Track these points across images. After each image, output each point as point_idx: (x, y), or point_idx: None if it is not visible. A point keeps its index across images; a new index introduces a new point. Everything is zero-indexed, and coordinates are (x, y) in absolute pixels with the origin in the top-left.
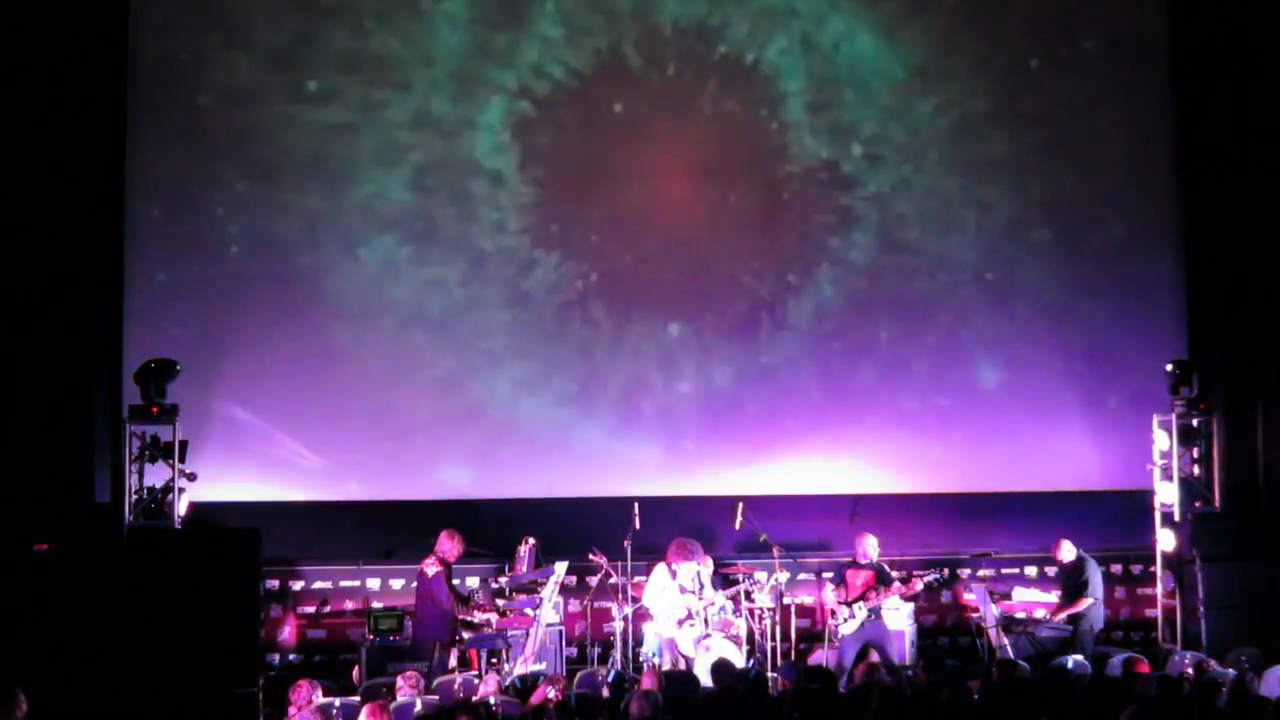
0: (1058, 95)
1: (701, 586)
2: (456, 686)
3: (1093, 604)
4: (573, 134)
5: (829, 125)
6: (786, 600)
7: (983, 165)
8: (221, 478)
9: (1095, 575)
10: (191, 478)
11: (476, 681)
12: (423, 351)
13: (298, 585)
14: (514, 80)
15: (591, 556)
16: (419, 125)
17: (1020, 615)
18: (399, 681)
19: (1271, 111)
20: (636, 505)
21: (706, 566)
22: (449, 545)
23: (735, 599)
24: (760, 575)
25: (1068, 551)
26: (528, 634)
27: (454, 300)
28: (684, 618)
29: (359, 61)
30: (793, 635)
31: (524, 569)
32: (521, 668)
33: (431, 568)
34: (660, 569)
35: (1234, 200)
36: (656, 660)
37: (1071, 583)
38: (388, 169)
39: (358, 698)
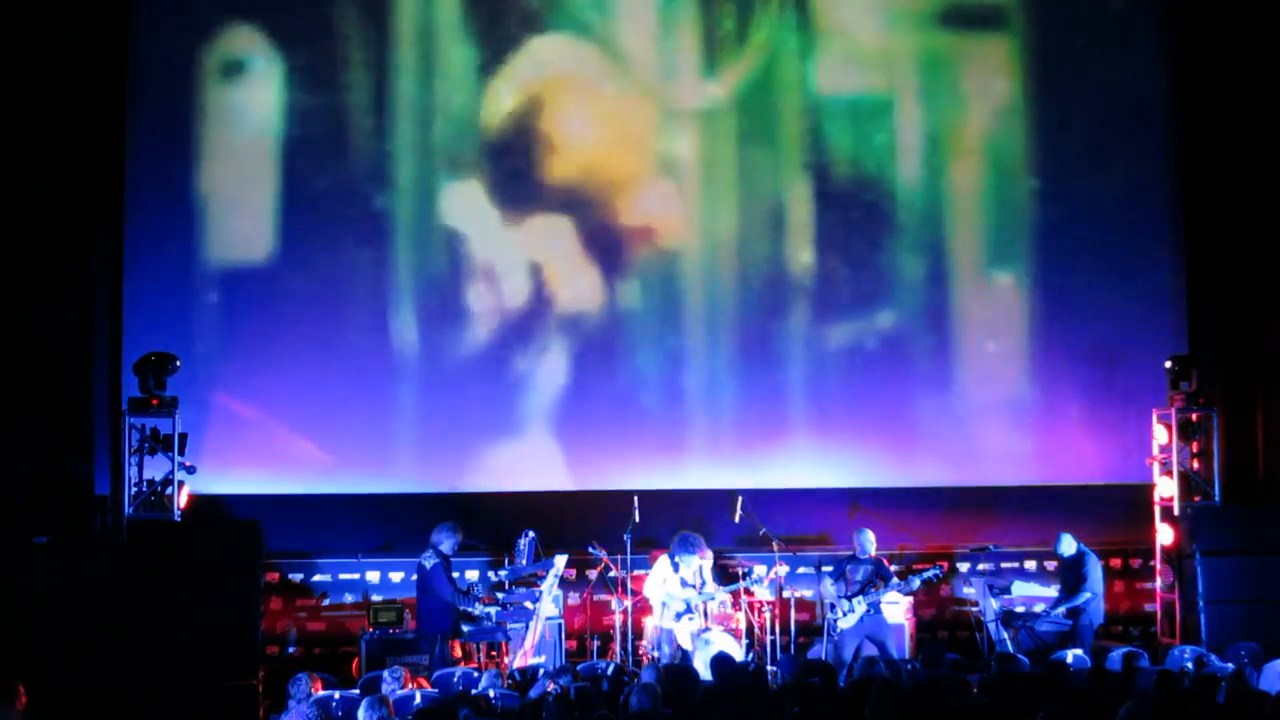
0: (1061, 89)
1: (703, 581)
2: (456, 679)
3: (1092, 598)
4: (561, 121)
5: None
6: (786, 594)
7: (986, 157)
8: (221, 470)
9: (1095, 570)
10: (191, 470)
11: (476, 674)
12: (422, 344)
13: (297, 577)
14: (494, 62)
15: (591, 550)
16: (405, 111)
17: (1020, 609)
18: (385, 675)
19: (1273, 107)
20: (636, 499)
21: (708, 560)
22: (444, 537)
23: (735, 594)
24: (760, 569)
25: (1068, 545)
26: (527, 627)
27: (452, 294)
28: (684, 611)
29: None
30: (792, 629)
31: (523, 562)
32: (521, 661)
33: (429, 560)
34: (662, 561)
35: (1234, 196)
36: (655, 653)
37: (1071, 577)
38: (367, 159)
39: (357, 690)
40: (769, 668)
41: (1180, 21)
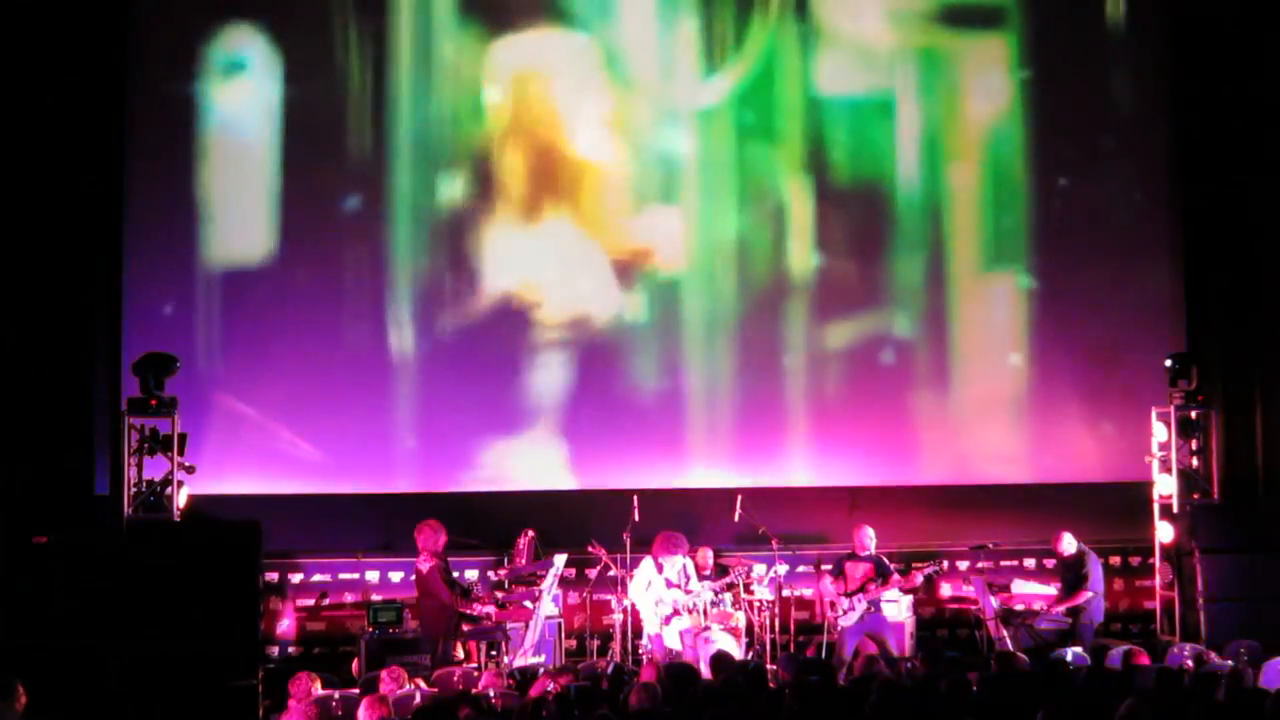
0: (1061, 88)
1: (688, 579)
2: (456, 679)
3: (1093, 597)
4: (559, 119)
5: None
6: (785, 592)
7: (986, 157)
8: (221, 470)
9: (1095, 568)
10: (190, 470)
11: (476, 674)
12: (421, 344)
13: (297, 578)
14: (493, 60)
15: (591, 549)
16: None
17: (1019, 607)
18: (383, 675)
19: (1272, 103)
20: (636, 498)
21: (704, 558)
22: (431, 536)
23: (733, 590)
24: (759, 568)
25: (1068, 544)
26: (527, 626)
27: (451, 294)
28: (670, 614)
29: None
30: (792, 627)
31: (523, 561)
32: (520, 660)
33: (425, 564)
34: (646, 564)
35: (1234, 193)
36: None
37: (1071, 575)
38: (365, 158)
39: (357, 690)
40: (768, 666)
41: (1179, 21)
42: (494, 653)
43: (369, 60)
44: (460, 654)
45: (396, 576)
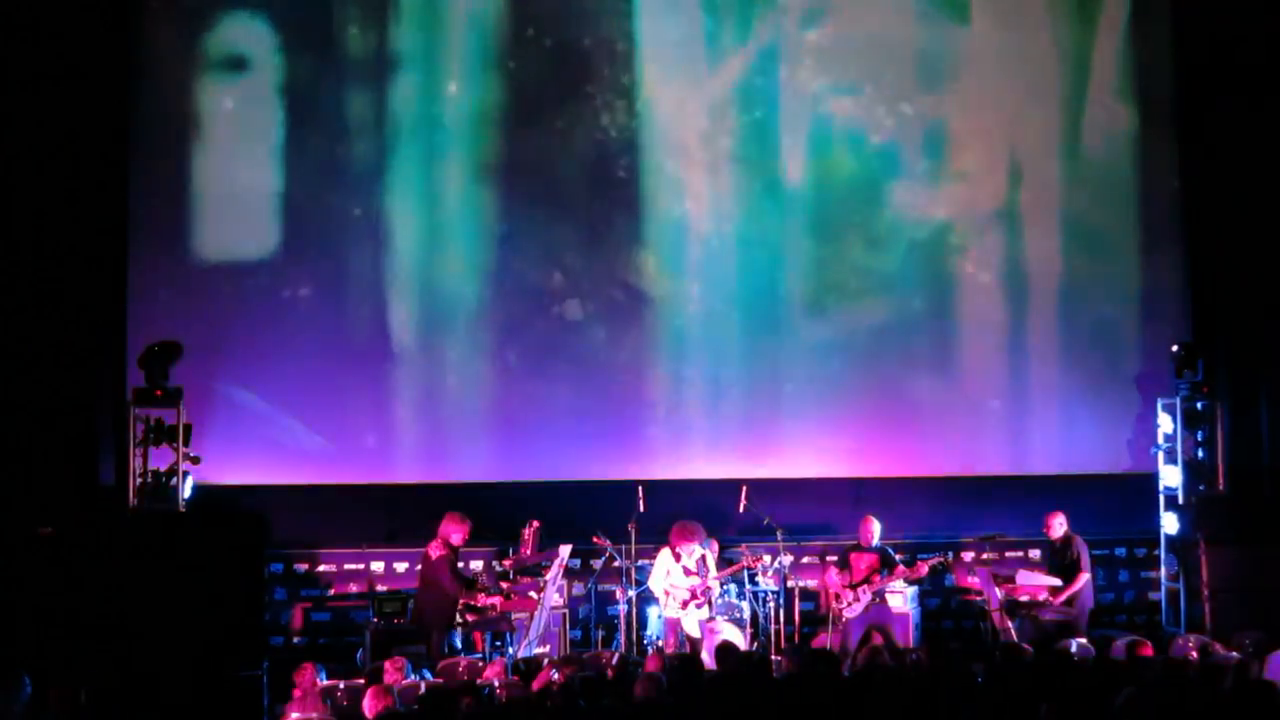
0: (1063, 80)
1: (706, 569)
2: (460, 669)
3: (1089, 580)
4: (560, 117)
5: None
6: (790, 584)
7: (988, 149)
8: (226, 461)
9: (1085, 551)
10: (196, 461)
11: (481, 664)
12: (426, 333)
13: (302, 568)
14: (496, 57)
15: (596, 539)
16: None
17: (1024, 599)
18: (385, 665)
19: (1275, 92)
20: (641, 488)
21: (711, 550)
22: (454, 528)
23: (739, 580)
24: (764, 558)
25: (1059, 527)
26: (531, 617)
27: (458, 282)
28: (688, 599)
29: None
30: (796, 618)
31: (528, 552)
32: (525, 650)
33: (436, 551)
34: (664, 553)
35: (1237, 183)
36: (660, 643)
37: (1062, 560)
38: (368, 149)
39: (362, 680)
40: (773, 657)
41: (1183, 12)
42: (498, 643)
43: (372, 52)
44: (459, 644)
45: (401, 567)
